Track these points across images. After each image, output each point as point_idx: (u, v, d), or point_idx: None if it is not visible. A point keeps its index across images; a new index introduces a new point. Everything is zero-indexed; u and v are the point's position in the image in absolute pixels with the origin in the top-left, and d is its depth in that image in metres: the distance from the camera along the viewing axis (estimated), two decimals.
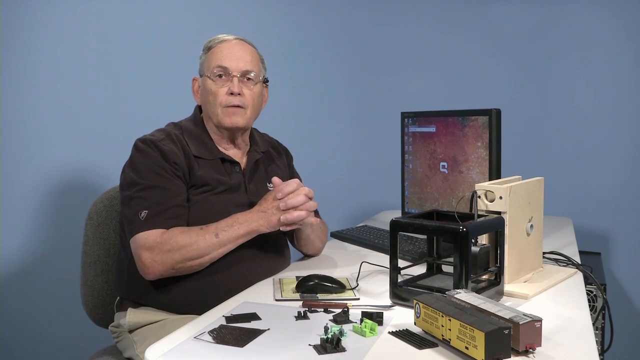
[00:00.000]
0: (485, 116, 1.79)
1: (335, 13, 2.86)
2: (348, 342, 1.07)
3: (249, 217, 1.52)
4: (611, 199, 2.66)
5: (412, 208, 2.11)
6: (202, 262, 1.49)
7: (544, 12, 2.70)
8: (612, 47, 2.63)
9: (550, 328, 1.13)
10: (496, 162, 1.78)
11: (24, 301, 2.40)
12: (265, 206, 1.52)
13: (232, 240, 1.50)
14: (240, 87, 1.63)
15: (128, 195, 1.53)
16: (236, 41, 1.68)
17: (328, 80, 2.88)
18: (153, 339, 1.29)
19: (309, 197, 1.52)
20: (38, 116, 2.36)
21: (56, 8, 2.36)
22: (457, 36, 2.81)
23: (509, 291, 1.36)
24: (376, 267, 1.59)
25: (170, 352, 1.06)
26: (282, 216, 1.49)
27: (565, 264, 1.62)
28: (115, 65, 2.45)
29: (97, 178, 2.41)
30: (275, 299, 1.36)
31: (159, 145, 1.56)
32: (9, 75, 2.32)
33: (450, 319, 1.01)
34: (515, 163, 2.16)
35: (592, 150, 2.68)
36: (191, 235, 1.47)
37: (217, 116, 1.64)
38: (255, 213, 1.52)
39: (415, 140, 2.07)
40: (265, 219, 1.51)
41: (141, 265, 1.48)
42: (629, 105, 2.63)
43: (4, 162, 2.33)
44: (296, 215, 1.49)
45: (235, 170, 1.67)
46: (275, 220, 1.50)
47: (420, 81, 2.85)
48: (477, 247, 1.29)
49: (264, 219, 1.51)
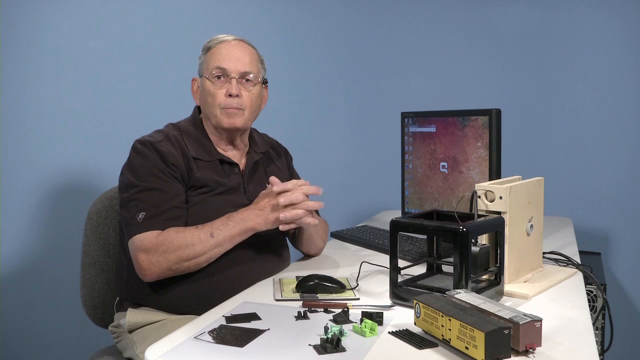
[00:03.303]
0: (485, 116, 1.79)
1: (335, 13, 2.86)
2: (348, 342, 1.07)
3: (244, 216, 1.51)
4: (611, 199, 2.66)
5: (412, 208, 2.11)
6: (198, 262, 1.48)
7: (544, 13, 2.70)
8: (612, 48, 2.63)
9: (550, 328, 1.13)
10: (496, 162, 1.77)
11: (24, 301, 2.40)
12: (261, 204, 1.52)
13: (228, 240, 1.49)
14: (238, 88, 1.63)
15: (126, 197, 1.53)
16: (235, 42, 1.67)
17: (328, 80, 2.88)
18: (153, 339, 1.30)
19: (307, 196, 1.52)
20: (38, 116, 2.36)
21: (56, 8, 2.36)
22: (457, 36, 2.81)
23: (509, 291, 1.36)
24: (376, 267, 1.59)
25: (170, 352, 1.06)
26: (281, 214, 1.49)
27: (565, 264, 1.62)
28: (114, 66, 2.45)
29: (96, 178, 2.41)
30: (275, 299, 1.36)
31: (157, 147, 1.56)
32: (9, 75, 2.32)
33: (450, 319, 1.01)
34: (515, 163, 2.16)
35: (592, 150, 2.68)
36: (186, 236, 1.47)
37: (215, 117, 1.64)
38: (251, 211, 1.52)
39: (415, 140, 2.07)
40: (263, 217, 1.50)
41: (138, 267, 1.48)
42: (629, 105, 2.63)
43: (4, 162, 2.33)
44: (294, 213, 1.48)
45: (234, 171, 1.67)
46: (272, 218, 1.50)
47: (420, 81, 2.85)
48: (477, 247, 1.29)
49: (261, 217, 1.50)
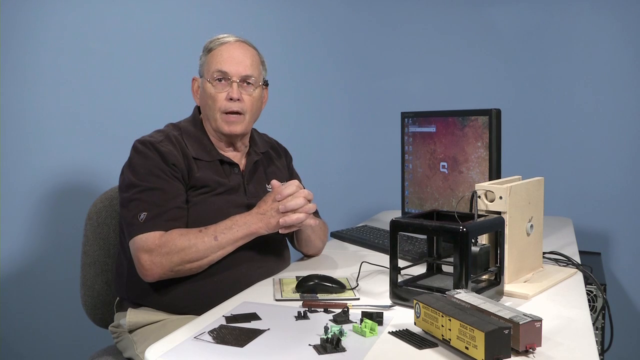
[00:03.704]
0: (485, 116, 1.79)
1: (335, 13, 2.86)
2: (348, 342, 1.07)
3: (247, 220, 1.51)
4: (611, 199, 2.66)
5: (412, 208, 2.11)
6: (201, 264, 1.48)
7: (544, 13, 2.70)
8: (611, 47, 2.64)
9: (550, 328, 1.13)
10: (496, 162, 1.77)
11: (24, 301, 2.39)
12: (264, 208, 1.52)
13: (231, 243, 1.50)
14: (239, 92, 1.62)
15: (127, 197, 1.53)
16: (237, 43, 1.66)
17: (328, 80, 2.88)
18: (153, 339, 1.30)
19: (308, 200, 1.52)
20: (38, 116, 2.36)
21: (56, 8, 2.36)
22: (457, 36, 2.81)
23: (509, 291, 1.36)
24: (376, 267, 1.59)
25: (170, 352, 1.06)
26: (281, 219, 1.49)
27: (565, 264, 1.62)
28: (114, 66, 2.45)
29: (96, 178, 2.41)
30: (275, 299, 1.36)
31: (158, 147, 1.56)
32: (9, 75, 2.32)
33: (450, 319, 1.01)
34: (515, 163, 2.16)
35: (592, 150, 2.68)
36: (190, 238, 1.47)
37: (215, 121, 1.63)
38: (254, 215, 1.52)
39: (415, 140, 2.07)
40: (264, 222, 1.51)
41: (140, 267, 1.48)
42: (629, 105, 2.63)
43: (4, 162, 2.33)
44: (295, 218, 1.49)
45: (234, 171, 1.67)
46: (274, 222, 1.50)
47: (420, 81, 2.85)
48: (477, 247, 1.29)
49: (263, 222, 1.51)
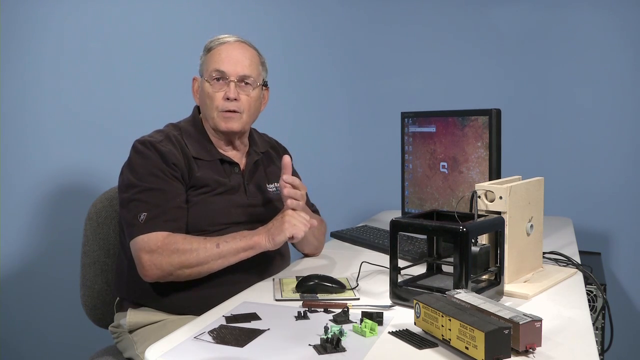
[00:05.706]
0: (485, 116, 1.79)
1: (335, 13, 2.86)
2: (348, 342, 1.07)
3: (253, 232, 1.51)
4: (611, 199, 2.66)
5: (412, 208, 2.11)
6: (200, 270, 1.48)
7: (544, 13, 2.70)
8: (611, 48, 2.63)
9: (550, 328, 1.13)
10: (496, 162, 1.77)
11: (24, 301, 2.40)
12: (271, 224, 1.51)
13: (232, 253, 1.48)
14: (236, 92, 1.62)
15: (127, 197, 1.53)
16: (237, 44, 1.66)
17: (328, 80, 2.88)
18: (153, 339, 1.29)
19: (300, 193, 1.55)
20: (38, 117, 2.36)
21: (56, 8, 2.36)
22: (457, 36, 2.81)
23: (509, 291, 1.36)
24: (376, 267, 1.59)
25: (170, 352, 1.06)
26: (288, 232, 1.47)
27: (565, 264, 1.62)
28: (114, 66, 2.45)
29: (96, 178, 2.40)
30: (275, 299, 1.36)
31: (158, 147, 1.56)
32: (9, 75, 2.32)
33: (450, 319, 1.01)
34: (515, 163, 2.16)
35: (592, 150, 2.68)
36: (192, 243, 1.47)
37: (213, 119, 1.64)
38: (259, 229, 1.52)
39: (415, 140, 2.07)
40: (269, 235, 1.49)
41: (140, 267, 1.48)
42: (629, 105, 2.63)
43: (4, 162, 2.33)
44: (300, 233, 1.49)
45: (234, 171, 1.67)
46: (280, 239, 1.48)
47: (420, 81, 2.85)
48: (477, 247, 1.28)
49: (267, 235, 1.49)
